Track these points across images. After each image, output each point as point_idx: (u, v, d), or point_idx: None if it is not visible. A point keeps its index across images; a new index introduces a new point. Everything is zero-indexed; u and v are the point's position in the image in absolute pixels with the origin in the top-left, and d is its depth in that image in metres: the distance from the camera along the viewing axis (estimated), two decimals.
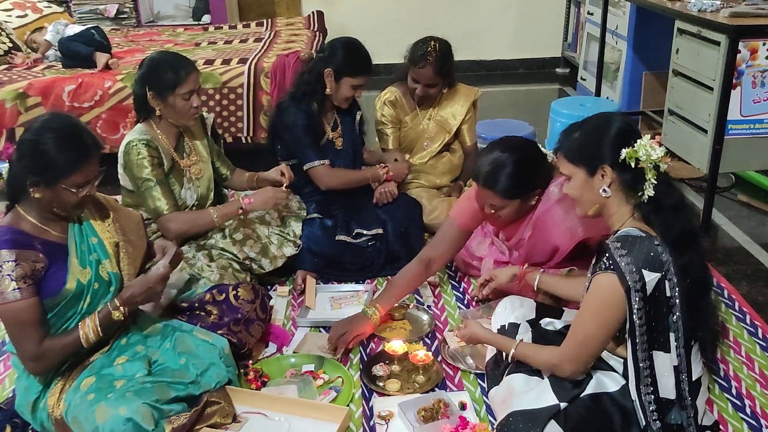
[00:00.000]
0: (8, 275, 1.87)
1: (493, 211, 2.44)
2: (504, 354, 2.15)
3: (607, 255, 1.85)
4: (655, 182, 1.86)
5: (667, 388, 1.87)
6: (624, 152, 1.85)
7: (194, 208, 2.77)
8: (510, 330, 2.27)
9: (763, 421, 2.16)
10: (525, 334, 2.22)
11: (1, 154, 2.06)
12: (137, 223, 2.25)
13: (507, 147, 2.40)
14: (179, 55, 2.74)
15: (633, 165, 1.85)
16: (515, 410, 1.91)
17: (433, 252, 2.59)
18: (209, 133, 2.91)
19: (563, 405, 1.88)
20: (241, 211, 2.75)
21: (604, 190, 1.92)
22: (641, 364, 1.85)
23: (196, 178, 2.79)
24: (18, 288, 1.88)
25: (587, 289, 1.95)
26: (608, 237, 1.96)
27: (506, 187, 2.36)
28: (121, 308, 2.03)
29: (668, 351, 1.86)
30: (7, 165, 2.02)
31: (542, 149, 2.51)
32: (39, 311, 1.94)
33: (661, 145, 1.87)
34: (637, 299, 1.80)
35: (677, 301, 1.84)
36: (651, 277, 1.80)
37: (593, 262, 1.93)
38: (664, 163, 1.86)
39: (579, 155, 1.95)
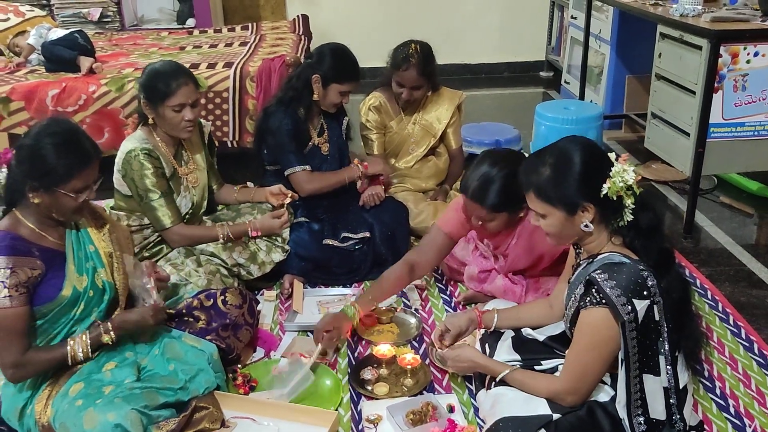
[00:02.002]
0: (2, 282, 1.87)
1: (480, 222, 2.45)
2: (489, 377, 2.11)
3: (595, 288, 1.81)
4: (633, 207, 1.85)
5: (658, 410, 1.86)
6: (605, 187, 1.83)
7: (188, 215, 2.77)
8: (492, 336, 2.28)
9: (746, 421, 2.19)
10: (506, 340, 2.22)
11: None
12: (127, 237, 2.27)
13: (496, 161, 2.38)
14: (179, 67, 2.70)
15: (614, 198, 1.84)
16: (505, 416, 1.90)
17: (419, 257, 2.59)
18: (206, 142, 2.92)
19: (556, 416, 1.87)
20: (247, 239, 2.80)
21: (586, 225, 1.89)
22: (632, 388, 1.83)
23: (193, 187, 2.79)
24: (9, 296, 1.87)
25: (570, 316, 1.94)
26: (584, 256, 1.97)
27: (494, 202, 2.36)
28: (112, 333, 2.05)
29: (658, 374, 1.85)
30: (5, 170, 2.01)
31: None
32: (26, 321, 1.94)
33: (626, 160, 1.86)
34: (630, 330, 1.78)
35: (664, 323, 1.83)
36: (641, 306, 1.78)
37: (580, 292, 1.88)
38: (638, 186, 1.84)
39: (555, 196, 1.89)
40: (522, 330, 2.25)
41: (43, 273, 1.96)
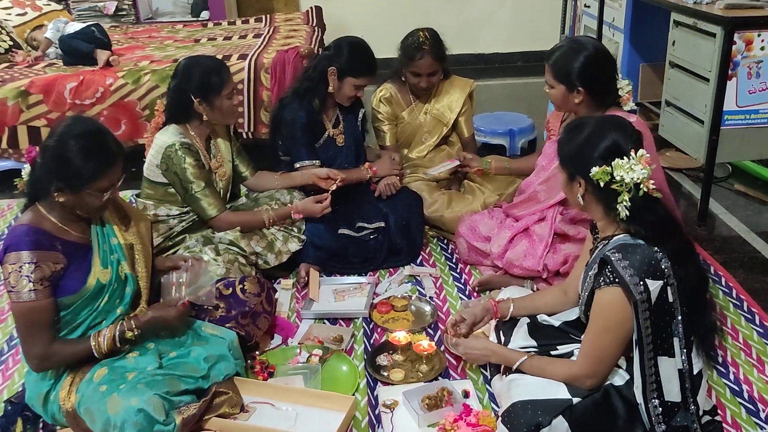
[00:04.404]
0: (27, 276, 1.91)
1: (546, 90, 2.68)
2: (503, 367, 2.14)
3: (609, 268, 1.83)
4: (629, 204, 1.84)
5: (673, 392, 1.88)
6: (594, 170, 1.85)
7: None
8: (507, 323, 2.30)
9: (760, 406, 2.20)
10: (522, 326, 2.25)
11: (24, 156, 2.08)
12: (148, 227, 2.29)
13: (588, 43, 2.61)
14: (212, 57, 2.78)
15: (602, 185, 1.86)
16: (522, 399, 1.92)
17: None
18: (231, 133, 2.97)
19: (576, 400, 1.89)
20: (289, 220, 2.88)
21: (579, 198, 1.95)
22: (647, 371, 1.85)
23: (220, 180, 2.86)
24: (34, 289, 1.91)
25: (585, 298, 1.96)
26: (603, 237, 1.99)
27: (557, 65, 2.59)
28: (136, 330, 2.08)
29: (673, 356, 1.87)
30: (28, 167, 2.05)
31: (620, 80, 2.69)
32: (51, 313, 1.98)
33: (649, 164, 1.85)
34: (643, 310, 1.80)
35: (679, 305, 1.85)
36: (654, 286, 1.80)
37: (594, 272, 1.91)
38: (646, 186, 1.84)
39: (566, 158, 1.96)
40: (537, 316, 2.27)
41: (65, 266, 1.99)
